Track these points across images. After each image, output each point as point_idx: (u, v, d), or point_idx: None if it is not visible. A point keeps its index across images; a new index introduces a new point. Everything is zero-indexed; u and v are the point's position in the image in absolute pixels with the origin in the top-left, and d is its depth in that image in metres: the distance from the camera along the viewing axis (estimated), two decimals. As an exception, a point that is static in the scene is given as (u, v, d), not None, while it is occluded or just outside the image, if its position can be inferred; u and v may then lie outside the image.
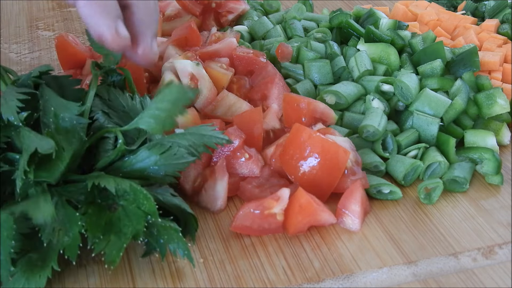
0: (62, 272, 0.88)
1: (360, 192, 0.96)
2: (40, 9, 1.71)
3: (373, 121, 1.07)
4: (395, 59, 1.24)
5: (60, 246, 0.81)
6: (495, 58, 1.24)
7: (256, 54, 1.23)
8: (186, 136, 0.93)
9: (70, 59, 1.29)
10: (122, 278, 0.88)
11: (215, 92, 1.14)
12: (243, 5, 1.49)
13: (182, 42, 1.25)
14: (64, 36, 1.28)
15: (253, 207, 0.93)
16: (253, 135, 1.05)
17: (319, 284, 0.86)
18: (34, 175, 0.83)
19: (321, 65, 1.22)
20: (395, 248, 0.92)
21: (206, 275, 0.88)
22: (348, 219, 0.96)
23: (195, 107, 1.13)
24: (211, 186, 0.99)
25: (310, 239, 0.94)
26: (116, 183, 0.84)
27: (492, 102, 1.12)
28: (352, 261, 0.90)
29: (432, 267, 0.89)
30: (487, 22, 1.41)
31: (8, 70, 1.00)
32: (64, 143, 0.86)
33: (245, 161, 1.01)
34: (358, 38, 1.32)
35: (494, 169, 1.04)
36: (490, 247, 0.93)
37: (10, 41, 1.53)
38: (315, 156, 0.97)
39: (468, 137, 1.10)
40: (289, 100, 1.10)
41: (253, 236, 0.94)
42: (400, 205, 1.01)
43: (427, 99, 1.10)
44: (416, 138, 1.10)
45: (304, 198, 0.92)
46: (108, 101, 1.01)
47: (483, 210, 0.99)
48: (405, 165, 1.04)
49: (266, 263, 0.90)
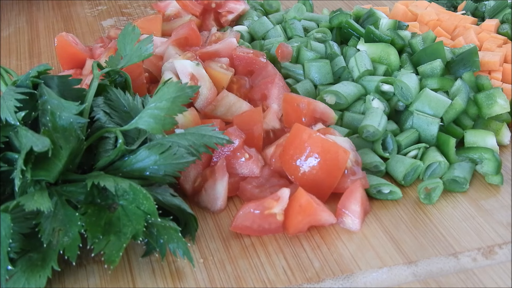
0: (62, 272, 0.88)
1: (360, 192, 0.96)
2: (40, 9, 1.71)
3: (373, 121, 1.07)
4: (395, 59, 1.24)
5: (60, 246, 0.81)
6: (495, 58, 1.24)
7: (256, 54, 1.23)
8: (186, 136, 0.93)
9: (70, 59, 1.30)
10: (122, 278, 0.88)
11: (215, 92, 1.14)
12: (243, 5, 1.49)
13: (182, 42, 1.25)
14: (64, 36, 1.29)
15: (253, 207, 0.93)
16: (253, 135, 1.05)
17: (319, 284, 0.86)
18: (32, 174, 0.83)
19: (321, 65, 1.22)
20: (395, 248, 0.92)
21: (206, 275, 0.88)
22: (348, 219, 0.96)
23: (195, 107, 1.13)
24: (211, 186, 0.99)
25: (310, 239, 0.94)
26: (115, 182, 0.84)
27: (492, 102, 1.12)
28: (352, 261, 0.90)
29: (432, 267, 0.89)
30: (487, 22, 1.41)
31: (8, 70, 1.00)
32: (62, 141, 0.86)
33: (245, 161, 1.01)
34: (358, 38, 1.32)
35: (494, 169, 1.04)
36: (490, 247, 0.92)
37: (10, 41, 1.53)
38: (315, 156, 0.97)
39: (468, 137, 1.10)
40: (289, 100, 1.10)
41: (253, 236, 0.94)
42: (400, 205, 1.01)
43: (427, 99, 1.10)
44: (416, 138, 1.10)
45: (304, 198, 0.92)
46: (109, 101, 1.01)
47: (483, 210, 0.99)
48: (405, 165, 1.04)
49: (266, 263, 0.90)
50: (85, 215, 0.84)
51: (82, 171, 0.94)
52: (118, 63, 1.08)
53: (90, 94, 0.97)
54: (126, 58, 1.07)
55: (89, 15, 1.66)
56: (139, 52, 1.06)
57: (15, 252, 0.81)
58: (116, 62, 1.09)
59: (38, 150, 0.82)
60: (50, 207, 0.81)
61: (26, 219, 0.83)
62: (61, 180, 0.89)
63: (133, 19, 1.63)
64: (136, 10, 1.69)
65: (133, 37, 1.08)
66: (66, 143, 0.87)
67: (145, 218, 0.85)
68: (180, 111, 0.90)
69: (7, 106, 0.87)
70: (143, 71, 1.17)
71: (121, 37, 1.09)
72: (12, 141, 0.88)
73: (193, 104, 1.13)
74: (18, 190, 0.83)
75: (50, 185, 0.87)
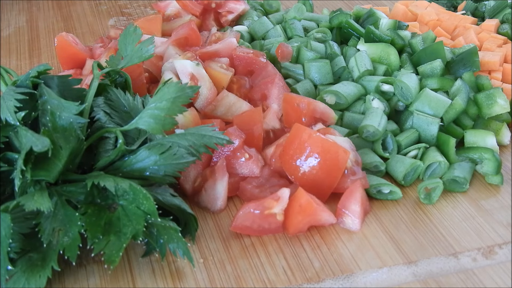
0: (62, 272, 0.88)
1: (360, 192, 0.96)
2: (40, 9, 1.71)
3: (373, 121, 1.07)
4: (395, 59, 1.23)
5: (60, 246, 0.81)
6: (495, 58, 1.24)
7: (256, 54, 1.23)
8: (186, 136, 0.93)
9: (70, 59, 1.30)
10: (122, 278, 0.88)
11: (215, 92, 1.14)
12: (243, 5, 1.49)
13: (182, 42, 1.25)
14: (64, 36, 1.29)
15: (253, 207, 0.93)
16: (253, 135, 1.05)
17: (319, 284, 0.86)
18: (32, 173, 0.83)
19: (321, 65, 1.22)
20: (395, 248, 0.92)
21: (206, 275, 0.88)
22: (348, 219, 0.96)
23: (195, 107, 1.13)
24: (211, 186, 0.99)
25: (310, 239, 0.94)
26: (115, 182, 0.84)
27: (492, 102, 1.12)
28: (352, 261, 0.90)
29: (432, 267, 0.89)
30: (487, 22, 1.41)
31: (8, 70, 1.00)
32: (62, 141, 0.86)
33: (245, 161, 1.01)
34: (358, 38, 1.32)
35: (494, 169, 1.04)
36: (490, 247, 0.92)
37: (10, 41, 1.53)
38: (315, 156, 0.97)
39: (468, 137, 1.10)
40: (289, 100, 1.10)
41: (253, 236, 0.94)
42: (400, 205, 1.01)
43: (427, 99, 1.10)
44: (416, 138, 1.10)
45: (304, 198, 0.92)
46: (110, 101, 1.01)
47: (483, 210, 0.99)
48: (405, 165, 1.04)
49: (266, 263, 0.90)
50: (85, 215, 0.84)
51: (82, 171, 0.94)
52: (118, 63, 1.08)
53: (90, 94, 0.97)
54: (126, 59, 1.07)
55: (89, 15, 1.66)
56: (140, 53, 1.06)
57: (15, 252, 0.81)
58: (117, 62, 1.09)
59: (38, 150, 0.82)
60: (50, 207, 0.81)
61: (26, 219, 0.83)
62: (61, 180, 0.89)
63: (133, 19, 1.63)
64: (136, 10, 1.69)
65: (135, 38, 1.08)
66: (66, 143, 0.87)
67: (145, 218, 0.85)
68: (180, 111, 0.90)
69: (7, 106, 0.87)
70: (143, 71, 1.17)
71: (122, 38, 1.09)
72: (12, 141, 0.88)
73: (193, 104, 1.13)
74: (18, 190, 0.83)
75: (50, 185, 0.87)
